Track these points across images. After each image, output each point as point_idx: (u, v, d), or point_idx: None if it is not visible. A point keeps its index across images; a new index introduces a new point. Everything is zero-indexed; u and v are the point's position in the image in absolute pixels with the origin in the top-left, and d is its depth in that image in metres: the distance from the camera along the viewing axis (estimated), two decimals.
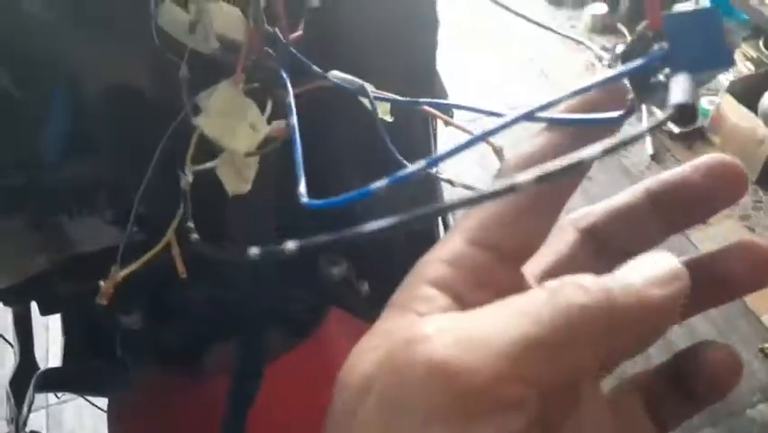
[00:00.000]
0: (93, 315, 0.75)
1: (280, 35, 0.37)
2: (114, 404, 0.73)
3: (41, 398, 1.25)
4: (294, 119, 0.35)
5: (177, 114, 0.40)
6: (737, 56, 2.28)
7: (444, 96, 0.61)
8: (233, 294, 0.64)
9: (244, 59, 0.36)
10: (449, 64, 0.82)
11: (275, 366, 0.66)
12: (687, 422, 0.24)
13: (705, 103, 2.26)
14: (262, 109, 0.38)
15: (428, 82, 0.56)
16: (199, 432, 0.65)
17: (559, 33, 0.89)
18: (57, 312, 0.72)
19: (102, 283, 0.36)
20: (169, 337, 0.67)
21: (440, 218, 0.85)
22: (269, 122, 0.38)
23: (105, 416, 1.62)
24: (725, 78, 2.31)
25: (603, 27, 2.66)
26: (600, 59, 2.54)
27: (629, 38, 1.79)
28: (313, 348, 0.67)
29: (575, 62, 2.59)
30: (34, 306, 0.72)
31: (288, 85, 0.36)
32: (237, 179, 0.39)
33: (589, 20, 2.67)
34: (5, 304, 0.69)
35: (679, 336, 1.71)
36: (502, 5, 0.64)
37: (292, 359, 0.67)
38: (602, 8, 2.65)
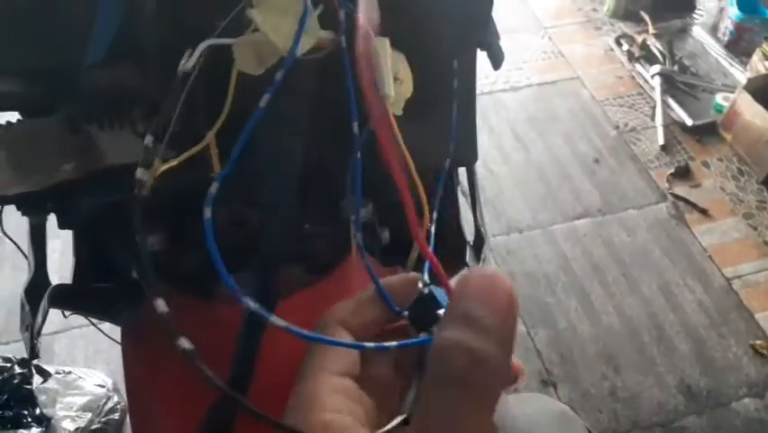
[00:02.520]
0: (108, 233, 0.74)
1: None
2: (128, 325, 0.73)
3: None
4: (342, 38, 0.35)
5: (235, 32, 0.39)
6: (756, 55, 2.27)
7: (497, 38, 0.61)
8: (256, 224, 0.63)
9: None
10: None
11: (291, 301, 0.65)
12: (671, 411, 0.27)
13: (720, 99, 2.25)
14: None
15: (482, 27, 0.55)
16: (212, 353, 0.65)
17: None
18: (74, 227, 0.71)
19: (139, 175, 0.35)
20: (187, 261, 0.67)
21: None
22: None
23: (95, 347, 1.62)
24: (743, 76, 2.30)
25: (625, 13, 2.63)
26: (620, 44, 2.52)
27: (651, 27, 1.77)
28: (331, 286, 0.67)
29: (594, 46, 2.57)
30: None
31: None
32: (253, 61, 0.38)
33: (612, 4, 2.64)
34: (24, 213, 0.68)
35: (672, 326, 1.73)
36: None
37: (309, 295, 0.66)
38: None
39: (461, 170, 0.84)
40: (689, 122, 2.23)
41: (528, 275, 1.84)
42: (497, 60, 0.60)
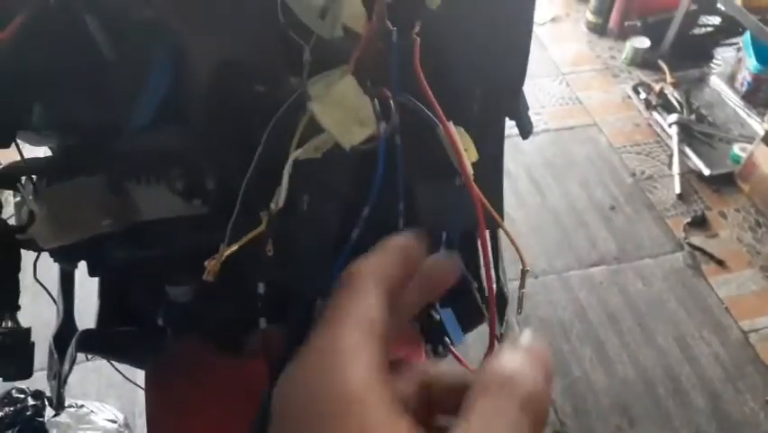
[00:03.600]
0: (135, 282, 0.76)
1: (395, 35, 0.37)
2: (152, 369, 0.74)
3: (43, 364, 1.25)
4: (386, 125, 0.36)
5: (278, 102, 0.40)
6: None
7: (526, 109, 0.62)
8: (287, 280, 0.64)
9: (359, 52, 0.37)
10: None
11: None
12: None
13: (738, 149, 2.26)
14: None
15: (513, 98, 0.57)
16: (239, 409, 0.66)
17: None
18: (104, 275, 0.72)
19: (206, 263, 0.37)
20: (214, 313, 0.68)
21: None
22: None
23: (108, 381, 1.62)
24: (761, 127, 2.31)
25: (643, 61, 2.66)
26: (638, 92, 2.55)
27: (669, 76, 1.79)
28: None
29: (611, 93, 2.59)
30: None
31: (395, 87, 0.37)
32: (311, 147, 0.39)
33: (631, 52, 2.67)
34: (56, 260, 0.69)
35: (688, 378, 1.70)
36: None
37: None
38: (645, 42, 2.65)
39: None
40: (706, 171, 2.23)
41: (543, 321, 1.83)
42: (525, 131, 0.61)
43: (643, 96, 2.52)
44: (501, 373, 0.24)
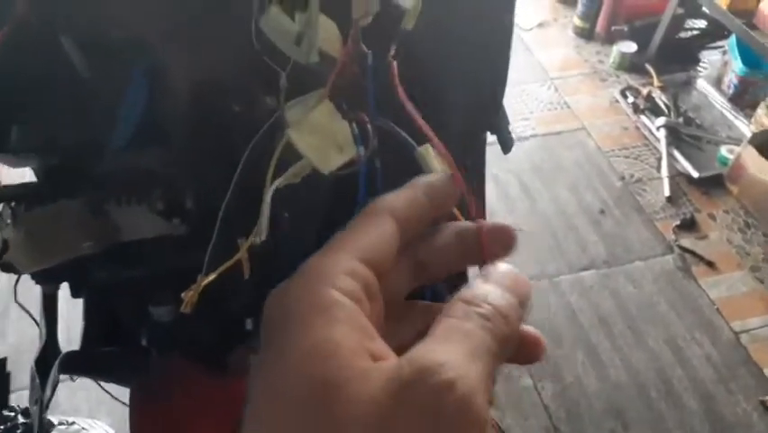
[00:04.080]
0: (119, 302, 0.75)
1: (371, 58, 0.37)
2: (137, 388, 0.74)
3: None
4: (365, 150, 0.36)
5: (255, 121, 0.40)
6: (761, 109, 2.30)
7: (507, 123, 0.62)
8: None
9: (335, 76, 0.37)
10: None
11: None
12: None
13: (725, 151, 2.27)
14: None
15: (493, 113, 0.57)
16: (220, 428, 0.66)
17: None
18: (86, 296, 0.72)
19: (183, 294, 0.37)
20: (197, 334, 0.68)
21: None
22: None
23: (98, 397, 1.61)
24: (748, 129, 2.32)
25: (631, 65, 2.68)
26: (626, 96, 2.56)
27: (656, 80, 1.81)
28: None
29: (599, 97, 2.60)
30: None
31: (372, 111, 0.36)
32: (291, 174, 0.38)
33: (618, 57, 2.68)
34: (37, 282, 0.69)
35: (680, 381, 1.71)
36: None
37: None
38: (632, 47, 2.66)
39: None
40: (694, 174, 2.24)
41: (535, 326, 1.81)
42: (506, 145, 0.61)
43: (630, 99, 2.53)
44: (469, 293, 0.25)
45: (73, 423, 1.47)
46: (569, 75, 2.71)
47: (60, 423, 1.45)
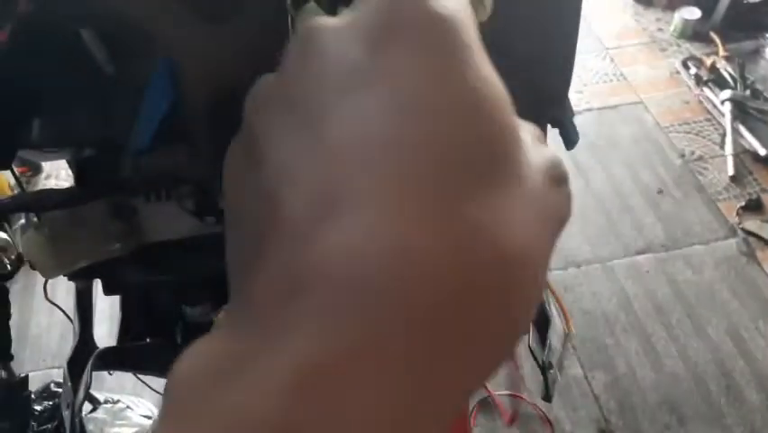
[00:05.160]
0: (154, 301, 0.73)
1: None
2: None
3: None
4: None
5: None
6: None
7: (572, 117, 0.56)
8: None
9: None
10: None
11: None
12: None
13: None
14: None
15: (559, 106, 0.50)
16: None
17: None
18: (120, 294, 0.69)
19: None
20: None
21: None
22: None
23: (143, 377, 1.63)
24: None
25: (694, 34, 2.52)
26: (687, 67, 2.41)
27: (721, 49, 1.67)
28: None
29: (659, 68, 2.46)
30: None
31: None
32: None
33: (680, 24, 2.52)
34: (70, 279, 0.66)
35: (742, 374, 1.61)
36: None
37: None
38: (695, 13, 2.50)
39: None
40: (761, 151, 2.10)
41: (586, 314, 1.76)
42: (570, 141, 0.55)
43: (693, 71, 2.39)
44: None
45: (118, 401, 1.48)
46: (626, 44, 2.57)
47: (106, 401, 1.47)
